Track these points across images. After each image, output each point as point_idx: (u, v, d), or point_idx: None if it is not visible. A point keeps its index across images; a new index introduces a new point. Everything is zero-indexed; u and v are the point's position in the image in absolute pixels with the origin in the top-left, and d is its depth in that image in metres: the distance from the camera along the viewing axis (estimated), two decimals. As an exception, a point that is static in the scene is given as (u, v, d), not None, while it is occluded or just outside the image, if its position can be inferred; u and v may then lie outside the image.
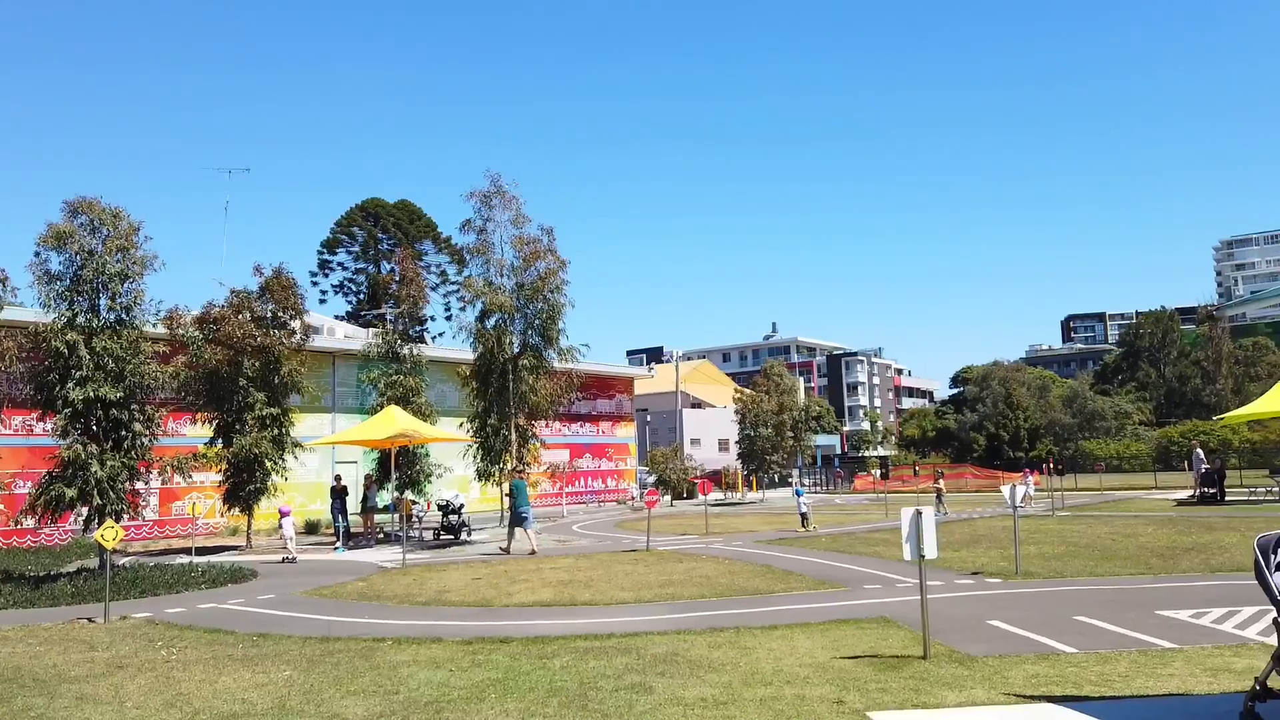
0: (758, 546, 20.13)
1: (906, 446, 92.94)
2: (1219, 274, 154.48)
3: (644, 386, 59.94)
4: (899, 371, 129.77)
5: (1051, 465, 37.03)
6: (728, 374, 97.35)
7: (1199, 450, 32.69)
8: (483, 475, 26.31)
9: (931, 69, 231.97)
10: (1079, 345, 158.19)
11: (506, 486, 21.38)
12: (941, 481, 30.41)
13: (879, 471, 53.30)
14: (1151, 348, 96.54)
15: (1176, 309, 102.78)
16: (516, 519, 20.35)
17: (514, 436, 25.31)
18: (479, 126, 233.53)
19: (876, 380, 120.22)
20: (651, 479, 43.09)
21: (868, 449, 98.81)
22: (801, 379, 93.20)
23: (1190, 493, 30.66)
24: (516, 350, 25.23)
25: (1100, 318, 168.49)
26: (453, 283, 62.05)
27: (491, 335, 24.90)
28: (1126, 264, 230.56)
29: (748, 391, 46.20)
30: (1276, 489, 29.62)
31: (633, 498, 43.93)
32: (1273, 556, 5.26)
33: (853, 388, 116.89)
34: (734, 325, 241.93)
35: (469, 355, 27.17)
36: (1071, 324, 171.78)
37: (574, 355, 25.90)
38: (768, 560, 17.19)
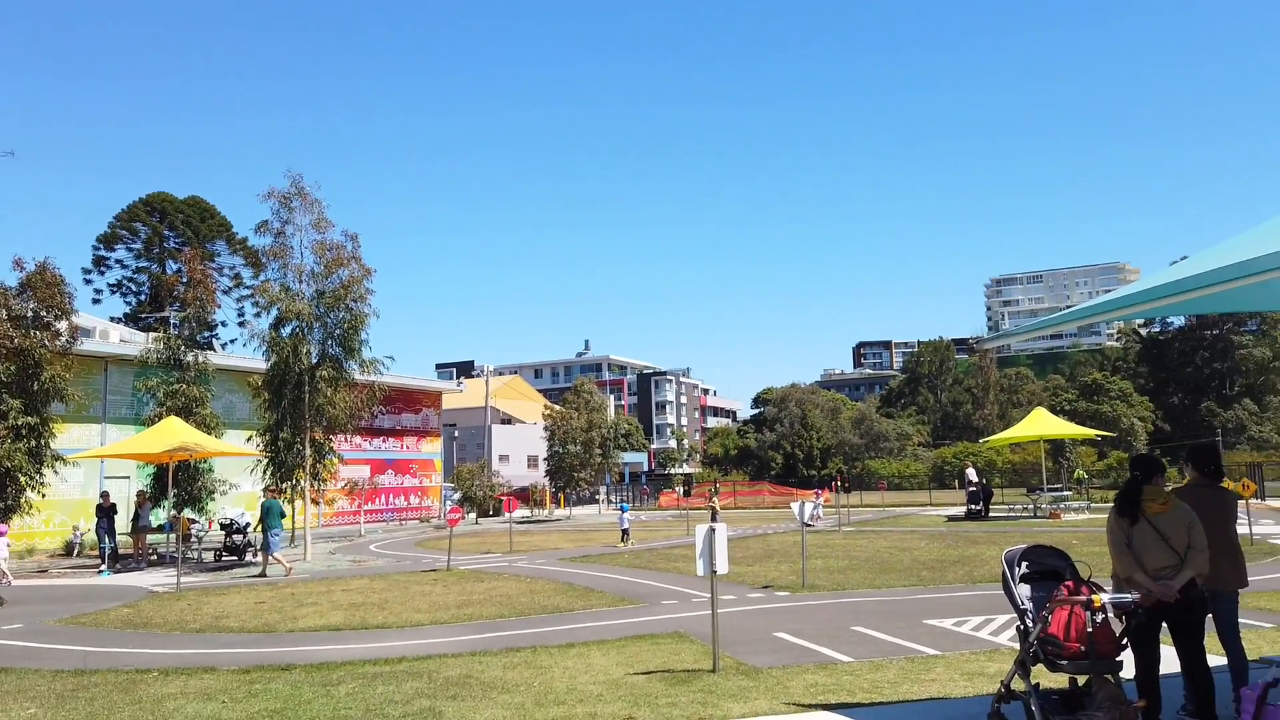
0: (561, 564, 20.11)
1: (710, 464, 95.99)
2: (989, 309, 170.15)
3: (453, 401, 58.75)
4: (706, 391, 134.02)
5: (839, 483, 39.27)
6: (539, 390, 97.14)
7: (971, 470, 35.67)
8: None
9: (728, 86, 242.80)
10: (868, 371, 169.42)
11: (258, 509, 20.41)
12: (716, 500, 30.39)
13: (682, 489, 54.71)
14: (930, 375, 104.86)
15: (953, 339, 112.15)
16: (265, 541, 19.53)
17: (309, 451, 24.06)
18: (287, 129, 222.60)
19: (684, 399, 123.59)
20: (456, 496, 42.21)
21: (674, 466, 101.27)
22: (612, 397, 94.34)
23: (962, 509, 33.39)
24: (315, 360, 24.02)
25: (887, 345, 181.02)
26: (247, 287, 58.47)
27: (287, 344, 23.57)
28: (912, 296, 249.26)
29: (558, 408, 46.25)
30: (1032, 506, 32.76)
31: (436, 515, 42.87)
32: (1017, 569, 5.78)
33: (661, 406, 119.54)
34: (547, 342, 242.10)
35: (262, 364, 25.63)
36: (862, 350, 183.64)
37: (377, 367, 24.95)
38: (570, 578, 17.20)
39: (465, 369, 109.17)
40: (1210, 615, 6.11)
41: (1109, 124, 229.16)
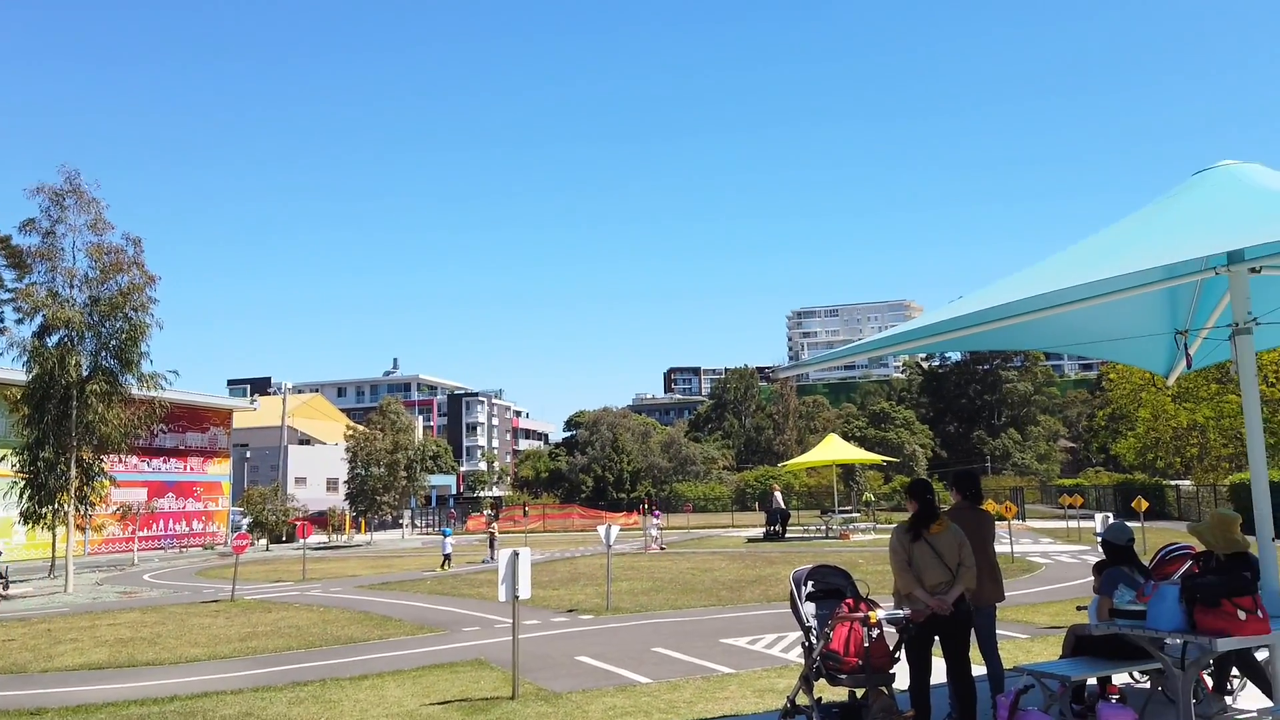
0: (359, 592, 19.26)
1: (521, 487, 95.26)
2: (790, 339, 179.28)
3: (246, 420, 55.30)
4: (518, 413, 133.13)
5: (648, 505, 39.94)
6: (343, 410, 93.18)
7: (778, 493, 37.23)
8: (29, 518, 22.37)
9: (536, 108, 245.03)
10: (678, 396, 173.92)
11: None
12: (494, 525, 29.57)
13: (491, 512, 53.89)
14: (736, 401, 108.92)
15: (757, 368, 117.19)
16: None
17: (74, 473, 21.88)
18: (67, 123, 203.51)
19: (496, 421, 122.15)
20: (246, 521, 39.66)
21: (484, 489, 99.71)
22: (421, 417, 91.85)
23: (762, 531, 34.74)
24: (86, 373, 21.95)
25: (697, 372, 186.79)
26: (8, 289, 52.76)
27: (52, 354, 21.41)
28: (721, 325, 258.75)
29: (361, 428, 44.49)
30: (824, 527, 34.56)
31: (222, 542, 40.07)
32: (804, 588, 6.05)
33: (472, 428, 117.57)
34: (353, 359, 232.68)
35: (22, 376, 23.13)
36: (673, 376, 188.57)
37: (159, 382, 23.11)
38: (367, 606, 16.49)
39: (261, 386, 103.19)
40: (972, 628, 6.61)
41: (900, 167, 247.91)
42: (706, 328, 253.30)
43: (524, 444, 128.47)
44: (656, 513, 35.33)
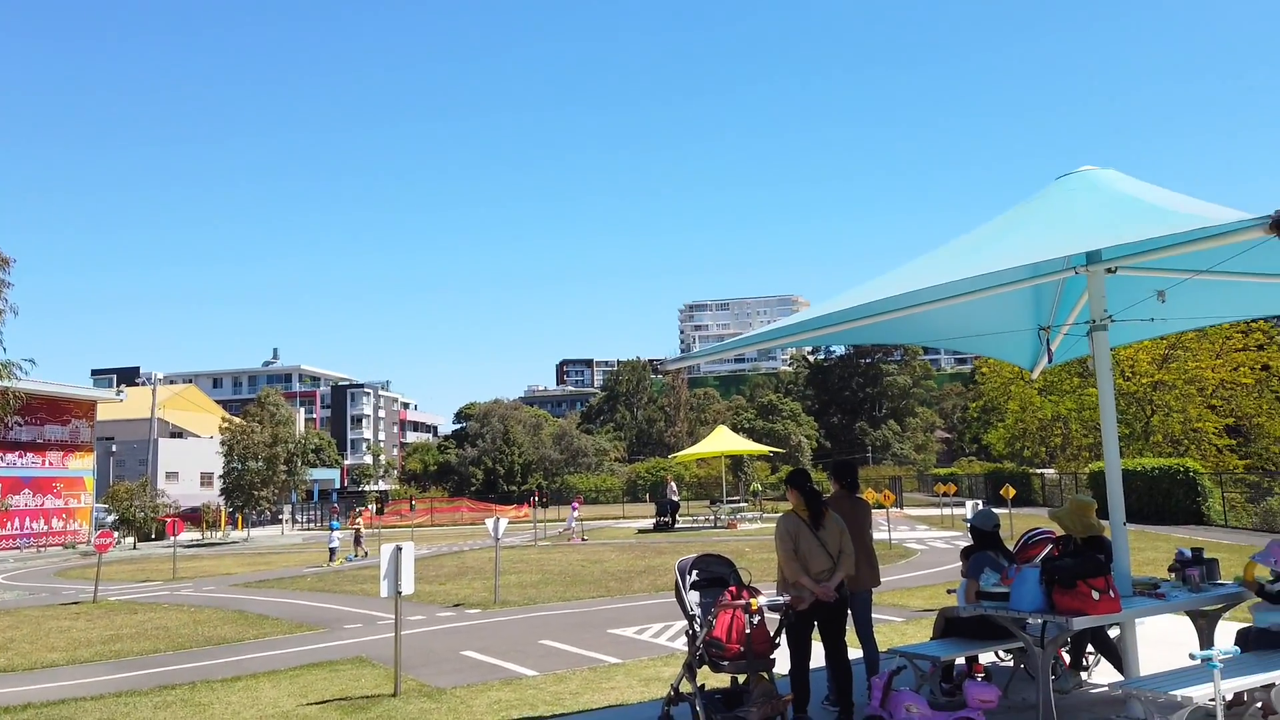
0: (234, 591, 18.52)
1: (409, 480, 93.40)
2: (682, 332, 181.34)
3: (112, 412, 52.38)
4: (406, 405, 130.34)
5: (538, 498, 39.70)
6: (219, 401, 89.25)
7: (673, 484, 37.60)
8: None
9: (436, 97, 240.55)
10: (570, 388, 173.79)
11: None
12: (360, 520, 28.64)
13: (375, 506, 52.65)
14: (628, 393, 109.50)
15: (650, 360, 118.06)
16: None
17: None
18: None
19: (383, 413, 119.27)
20: (111, 518, 37.62)
21: (369, 483, 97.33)
22: (302, 409, 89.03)
23: (653, 521, 35.05)
24: (-71, 361, 20.34)
25: (589, 363, 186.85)
26: None
27: (-109, 341, 19.78)
28: (614, 316, 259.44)
29: (238, 420, 42.73)
30: (713, 517, 35.10)
31: (84, 540, 37.88)
32: (689, 576, 6.12)
33: (357, 420, 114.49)
34: (230, 349, 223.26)
35: None
36: (565, 368, 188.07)
37: (12, 372, 21.60)
38: (243, 605, 15.87)
39: (129, 376, 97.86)
40: (849, 613, 6.83)
41: (790, 166, 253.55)
42: (600, 320, 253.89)
43: (412, 436, 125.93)
44: (575, 505, 35.55)
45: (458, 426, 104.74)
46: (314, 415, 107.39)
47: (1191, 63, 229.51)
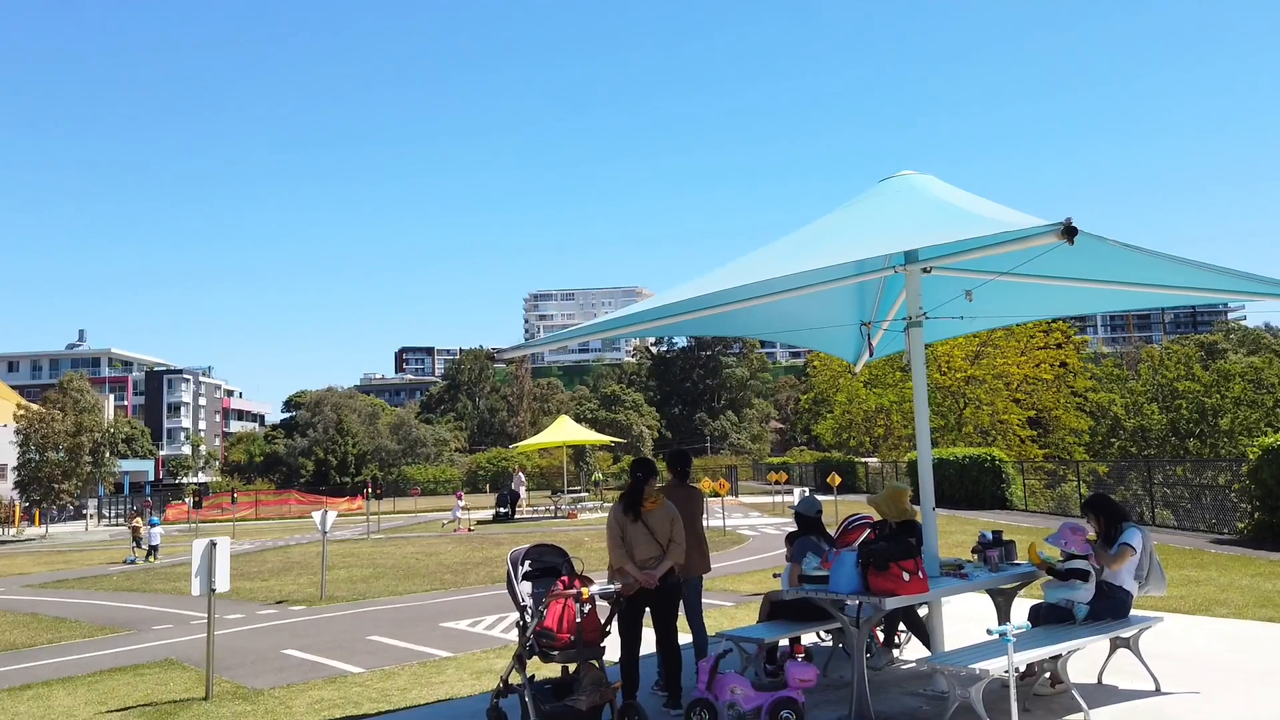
0: (27, 592, 17.00)
1: (232, 472, 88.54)
2: (527, 321, 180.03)
3: (-116, 396, 46.94)
4: (230, 393, 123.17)
5: (371, 489, 38.46)
6: (14, 387, 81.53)
7: (520, 474, 37.24)
8: None
9: (272, 76, 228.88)
10: (409, 376, 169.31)
11: None
12: (138, 520, 25.45)
13: (193, 500, 49.52)
14: (470, 382, 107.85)
15: (493, 349, 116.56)
16: None
17: None
18: None
19: (204, 401, 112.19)
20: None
21: (187, 475, 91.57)
22: (112, 396, 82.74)
23: (492, 513, 34.64)
24: None
25: (430, 351, 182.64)
26: None
27: None
28: (456, 304, 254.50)
29: (36, 407, 39.20)
30: (554, 507, 35.07)
31: None
32: (521, 567, 6.05)
33: (175, 408, 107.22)
34: (29, 331, 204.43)
35: None
36: (404, 355, 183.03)
37: None
38: (37, 607, 14.58)
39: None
40: (680, 599, 6.94)
41: (630, 161, 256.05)
42: (442, 307, 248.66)
43: (236, 426, 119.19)
44: (460, 495, 34.89)
45: (287, 416, 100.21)
46: (125, 403, 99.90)
47: (1017, 81, 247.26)
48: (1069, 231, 4.42)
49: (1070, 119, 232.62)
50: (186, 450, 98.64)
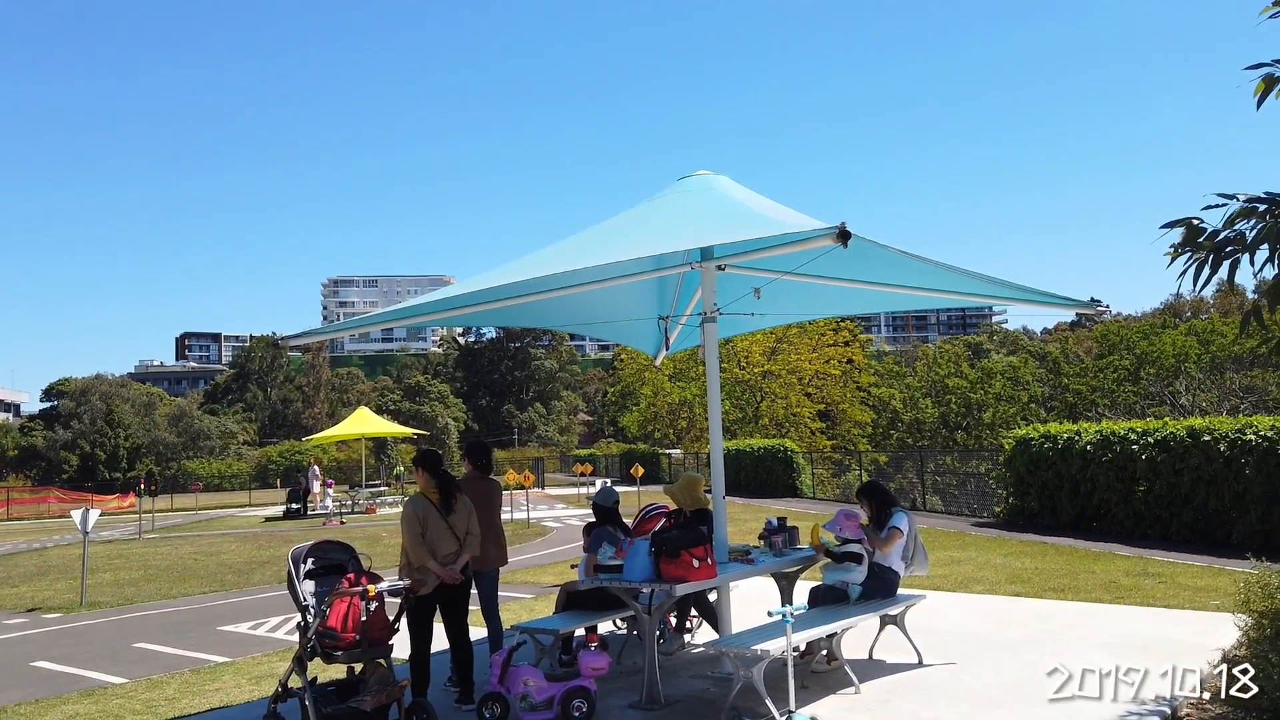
0: None
1: (-21, 468, 79.26)
2: (325, 308, 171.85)
3: None
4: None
5: (144, 485, 35.37)
6: None
7: (315, 467, 35.38)
8: None
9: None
10: (192, 364, 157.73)
11: None
12: None
13: None
14: (262, 371, 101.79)
15: (277, 334, 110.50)
16: None
17: None
18: None
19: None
20: None
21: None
22: None
23: (282, 509, 32.82)
24: None
25: (216, 338, 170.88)
26: None
27: None
28: (247, 289, 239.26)
29: None
30: (350, 502, 33.69)
31: None
32: (303, 565, 5.74)
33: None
34: None
35: None
36: (186, 342, 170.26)
37: None
38: None
39: None
40: (475, 592, 6.84)
41: (437, 146, 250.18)
42: (230, 291, 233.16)
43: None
44: (330, 483, 32.78)
45: (47, 405, 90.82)
46: None
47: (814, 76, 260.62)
48: (843, 235, 4.70)
49: (863, 129, 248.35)
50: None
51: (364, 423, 35.41)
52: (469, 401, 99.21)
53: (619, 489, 9.40)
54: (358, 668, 5.71)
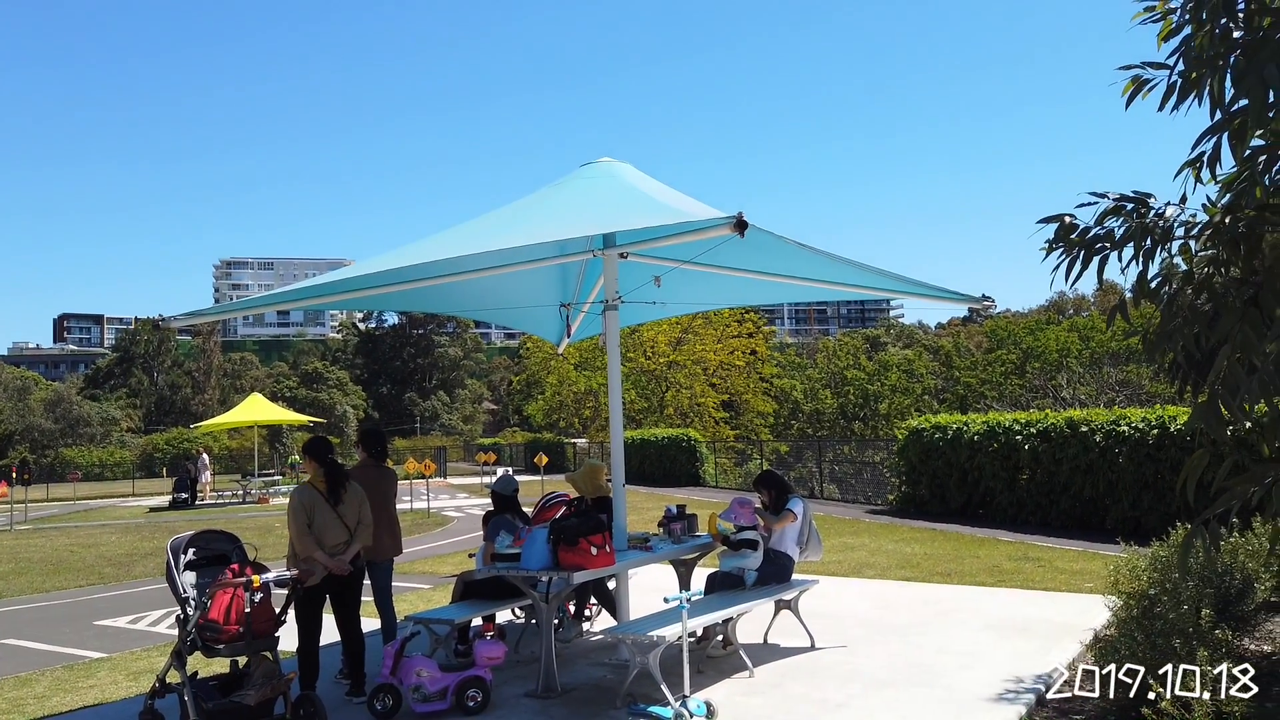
0: None
1: None
2: (217, 290, 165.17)
3: None
4: None
5: (16, 474, 33.38)
6: None
7: (205, 456, 33.95)
8: None
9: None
10: (72, 347, 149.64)
11: None
12: None
13: None
14: (148, 355, 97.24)
15: (159, 316, 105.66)
16: None
17: None
18: None
19: None
20: None
21: None
22: None
23: (168, 499, 31.47)
24: None
25: (99, 320, 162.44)
26: None
27: None
28: (132, 269, 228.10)
29: None
30: (242, 491, 32.54)
31: None
32: (183, 556, 5.50)
33: None
34: None
35: None
36: (66, 324, 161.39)
37: None
38: None
39: None
40: (369, 583, 6.69)
41: (333, 126, 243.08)
42: (114, 271, 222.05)
43: None
44: (205, 460, 31.81)
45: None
46: None
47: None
48: (740, 225, 4.74)
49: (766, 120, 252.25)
50: None
51: (257, 410, 34.23)
52: (369, 389, 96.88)
53: (523, 478, 9.33)
54: (242, 661, 5.51)
